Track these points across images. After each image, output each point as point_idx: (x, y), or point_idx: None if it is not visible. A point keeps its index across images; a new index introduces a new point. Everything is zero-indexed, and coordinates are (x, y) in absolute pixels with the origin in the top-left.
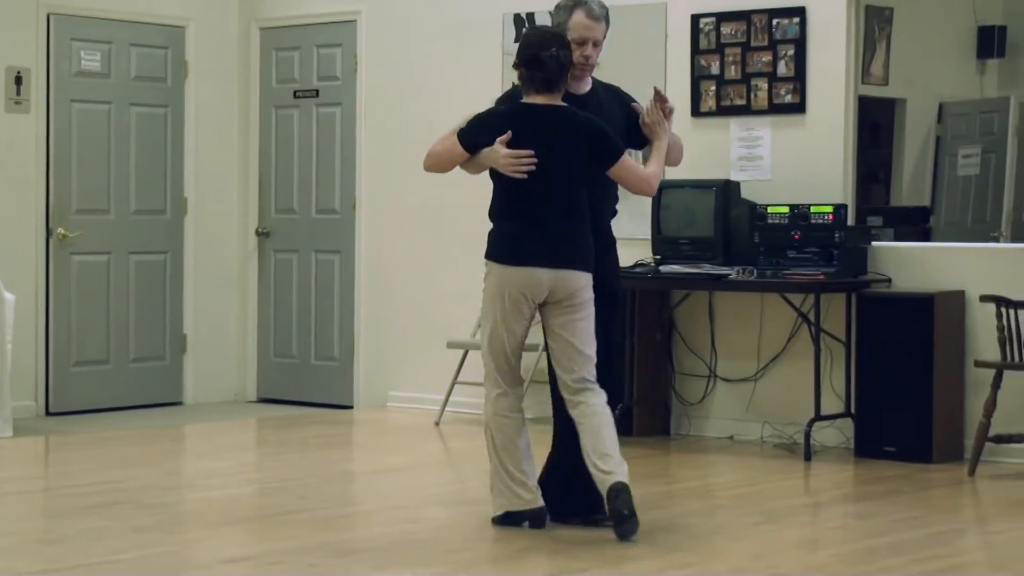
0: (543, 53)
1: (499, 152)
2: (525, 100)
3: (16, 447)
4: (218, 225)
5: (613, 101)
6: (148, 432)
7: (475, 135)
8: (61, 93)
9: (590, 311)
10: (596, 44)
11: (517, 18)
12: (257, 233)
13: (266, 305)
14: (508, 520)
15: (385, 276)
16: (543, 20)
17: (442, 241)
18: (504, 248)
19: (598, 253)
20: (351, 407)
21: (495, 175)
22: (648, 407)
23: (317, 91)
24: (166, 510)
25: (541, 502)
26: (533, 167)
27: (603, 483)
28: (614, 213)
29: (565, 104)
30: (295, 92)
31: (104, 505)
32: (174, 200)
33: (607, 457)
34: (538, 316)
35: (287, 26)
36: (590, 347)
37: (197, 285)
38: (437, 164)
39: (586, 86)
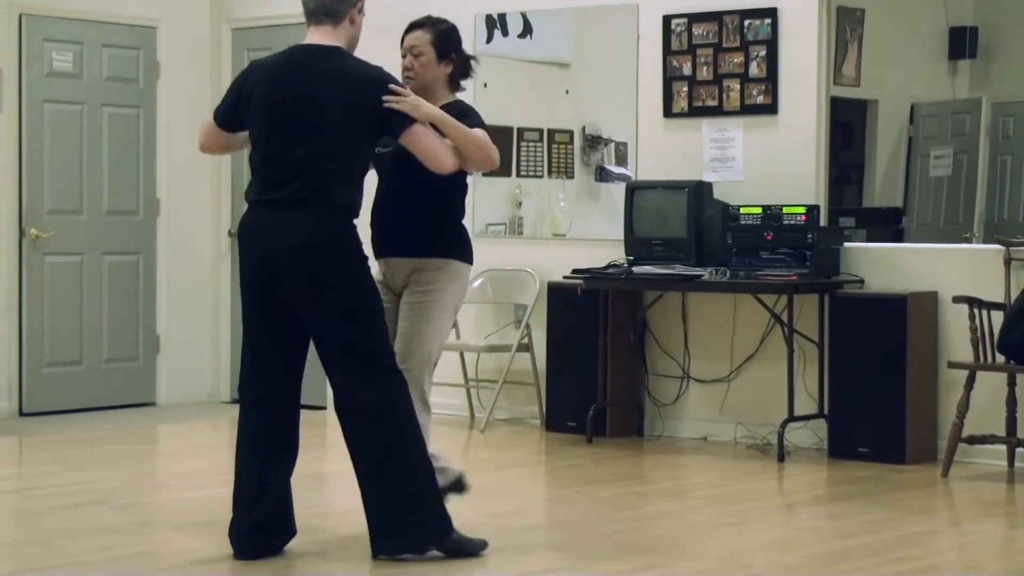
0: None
1: None
2: (459, 98)
3: None
4: (191, 226)
5: None
6: (121, 433)
7: None
8: (33, 94)
9: None
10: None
11: (488, 19)
12: (230, 234)
13: (239, 305)
14: None
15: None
16: (514, 21)
17: None
18: (470, 248)
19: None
20: (324, 408)
21: (459, 177)
22: (621, 408)
23: None
24: (139, 511)
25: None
26: None
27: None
28: None
29: None
30: None
31: (77, 506)
32: (147, 201)
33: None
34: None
35: (258, 27)
36: None
37: (170, 286)
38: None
39: None
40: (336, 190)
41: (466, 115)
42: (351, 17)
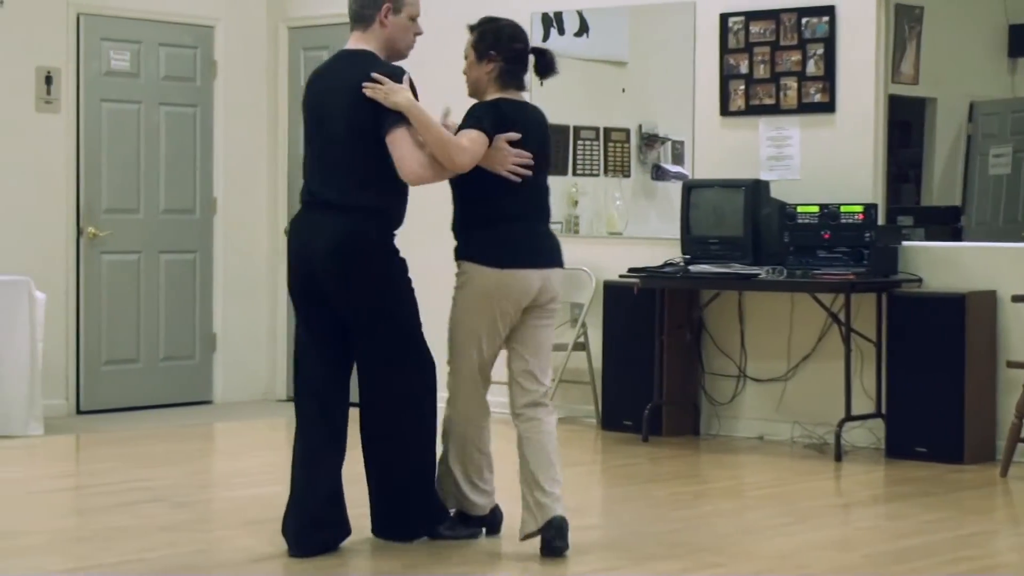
0: (526, 49)
1: (505, 151)
2: (511, 97)
3: (47, 445)
4: (247, 224)
5: None
6: (178, 431)
7: (496, 132)
8: (91, 93)
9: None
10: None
11: (545, 17)
12: (286, 232)
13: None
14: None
15: (413, 275)
16: (570, 19)
17: None
18: (497, 251)
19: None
20: None
21: (472, 178)
22: (677, 407)
23: None
24: (195, 508)
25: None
26: (529, 172)
27: (543, 510)
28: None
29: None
30: None
31: (134, 503)
32: (203, 200)
33: (555, 483)
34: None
35: (315, 25)
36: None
37: (226, 284)
38: (474, 161)
39: None
40: (361, 193)
41: (468, 115)
42: (380, 20)
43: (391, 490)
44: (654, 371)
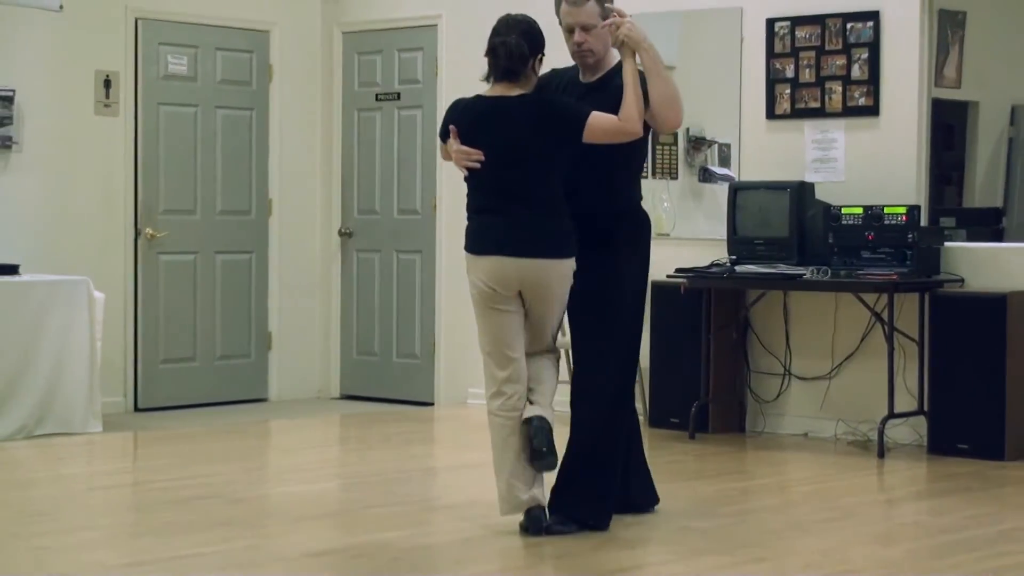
0: (497, 40)
1: (451, 147)
2: (490, 93)
3: (105, 442)
4: (302, 225)
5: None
6: (234, 428)
7: (445, 130)
8: (149, 96)
9: (562, 303)
10: (586, 29)
11: None
12: (340, 233)
13: (349, 304)
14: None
15: (465, 275)
16: None
17: None
18: (468, 239)
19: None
20: (432, 404)
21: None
22: (724, 404)
23: (399, 94)
24: (251, 505)
25: (537, 503)
26: (477, 165)
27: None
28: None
29: (517, 94)
30: (377, 95)
31: (191, 499)
32: (259, 201)
33: (540, 394)
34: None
35: (369, 30)
36: (551, 330)
37: (282, 284)
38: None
39: (596, 74)
40: None
41: None
42: None
43: None
44: (701, 369)
